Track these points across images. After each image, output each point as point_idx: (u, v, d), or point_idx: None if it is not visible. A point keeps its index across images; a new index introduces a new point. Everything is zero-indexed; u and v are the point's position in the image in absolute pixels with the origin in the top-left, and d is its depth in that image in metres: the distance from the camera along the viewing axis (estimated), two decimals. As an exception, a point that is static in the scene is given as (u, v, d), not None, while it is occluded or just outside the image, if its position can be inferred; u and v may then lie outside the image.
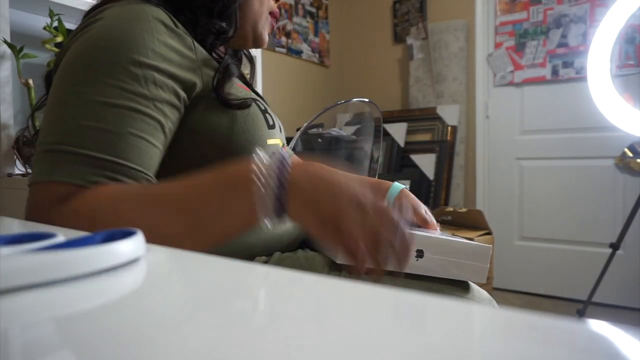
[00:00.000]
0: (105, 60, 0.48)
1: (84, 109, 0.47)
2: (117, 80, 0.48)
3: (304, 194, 0.41)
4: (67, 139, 0.46)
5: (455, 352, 0.16)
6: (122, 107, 0.47)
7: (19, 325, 0.20)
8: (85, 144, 0.46)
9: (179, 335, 0.18)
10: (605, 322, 0.19)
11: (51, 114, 0.49)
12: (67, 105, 0.48)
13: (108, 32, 0.50)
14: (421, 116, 2.63)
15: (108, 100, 0.47)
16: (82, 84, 0.48)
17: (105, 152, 0.46)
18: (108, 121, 0.47)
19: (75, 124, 0.46)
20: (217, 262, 0.30)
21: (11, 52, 1.13)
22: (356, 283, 0.24)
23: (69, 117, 0.47)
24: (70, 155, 0.45)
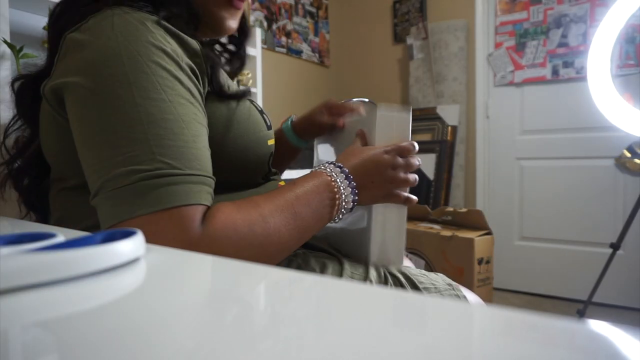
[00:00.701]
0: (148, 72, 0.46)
1: (155, 129, 0.44)
2: (167, 92, 0.46)
3: (365, 186, 0.58)
4: (163, 162, 0.43)
5: (455, 352, 0.16)
6: (187, 119, 0.47)
7: (19, 325, 0.20)
8: (182, 164, 0.44)
9: (179, 335, 0.18)
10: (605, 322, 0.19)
11: (108, 144, 0.44)
12: (134, 129, 0.44)
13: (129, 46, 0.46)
14: (421, 116, 2.63)
15: (170, 117, 0.45)
16: (132, 103, 0.44)
17: (200, 169, 0.46)
18: (186, 137, 0.46)
19: (158, 145, 0.44)
20: (217, 262, 0.30)
21: (11, 52, 1.13)
22: (356, 283, 0.24)
23: (145, 140, 0.44)
24: (177, 177, 0.44)
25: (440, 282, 0.66)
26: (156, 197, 0.42)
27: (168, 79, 0.46)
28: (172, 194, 0.43)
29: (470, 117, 2.60)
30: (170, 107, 0.45)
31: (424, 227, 2.13)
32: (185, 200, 0.43)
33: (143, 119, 0.44)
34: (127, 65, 0.45)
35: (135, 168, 0.43)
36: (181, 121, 0.46)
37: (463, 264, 1.93)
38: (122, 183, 0.43)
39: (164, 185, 0.43)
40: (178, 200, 0.43)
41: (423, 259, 2.07)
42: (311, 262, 0.62)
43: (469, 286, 1.88)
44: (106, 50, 0.46)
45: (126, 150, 0.43)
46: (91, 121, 0.45)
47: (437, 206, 2.43)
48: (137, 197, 0.42)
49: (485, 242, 1.94)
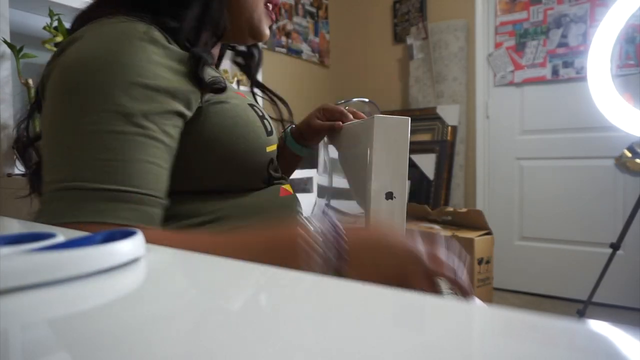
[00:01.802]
0: (101, 85, 0.46)
1: (90, 141, 0.45)
2: (117, 105, 0.46)
3: (364, 259, 0.42)
4: (81, 174, 0.44)
5: (455, 352, 0.16)
6: (128, 133, 0.45)
7: (19, 325, 0.20)
8: (102, 177, 0.44)
9: (179, 335, 0.18)
10: (605, 322, 0.19)
11: (54, 149, 0.46)
12: (71, 139, 0.45)
13: (98, 55, 0.47)
14: (421, 116, 2.63)
15: (112, 128, 0.45)
16: (81, 115, 0.45)
17: (124, 183, 0.44)
18: (117, 151, 0.45)
19: (85, 158, 0.44)
20: (217, 262, 0.30)
21: (11, 52, 1.13)
22: (356, 283, 0.24)
23: (77, 151, 0.45)
24: (89, 192, 0.43)
25: None
26: (56, 210, 0.44)
27: (132, 97, 0.47)
28: (67, 209, 0.43)
29: (470, 117, 2.60)
30: (118, 124, 0.45)
31: (424, 227, 2.13)
32: (78, 217, 0.43)
33: (88, 129, 0.45)
34: (98, 73, 0.47)
35: (53, 178, 0.45)
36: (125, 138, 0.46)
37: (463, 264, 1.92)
38: (46, 189, 0.45)
39: (65, 199, 0.44)
40: (71, 217, 0.43)
41: (423, 259, 2.07)
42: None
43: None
44: (81, 56, 0.48)
45: (61, 157, 0.46)
46: (51, 120, 0.48)
47: (437, 206, 2.43)
48: (50, 205, 0.45)
49: (485, 242, 1.94)
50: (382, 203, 0.62)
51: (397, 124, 0.62)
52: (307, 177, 2.06)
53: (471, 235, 1.93)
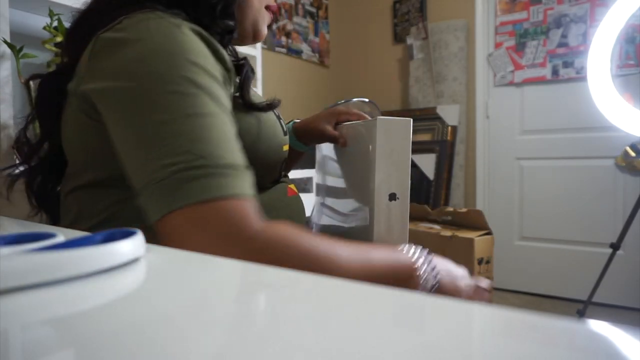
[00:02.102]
0: (178, 70, 0.45)
1: (192, 122, 0.44)
2: (202, 88, 0.46)
3: (443, 290, 0.56)
4: (201, 152, 0.42)
5: (455, 352, 0.16)
6: (219, 113, 0.46)
7: (19, 325, 0.20)
8: (218, 153, 0.43)
9: (179, 335, 0.18)
10: (605, 322, 0.19)
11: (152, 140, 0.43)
12: (170, 124, 0.43)
13: (165, 44, 0.46)
14: (421, 116, 2.63)
15: (207, 110, 0.45)
16: (168, 99, 0.44)
17: (235, 159, 0.45)
18: (218, 129, 0.45)
19: (196, 137, 0.43)
20: (217, 262, 0.30)
21: (11, 52, 1.13)
22: (355, 283, 0.24)
23: (182, 132, 0.43)
24: (219, 169, 0.42)
25: None
26: (200, 187, 0.41)
27: (203, 77, 0.47)
28: (217, 186, 0.41)
29: (470, 117, 2.60)
30: (206, 101, 0.45)
31: (424, 227, 2.13)
32: (234, 191, 0.42)
33: (181, 112, 0.43)
34: (164, 63, 0.45)
35: (172, 161, 0.41)
36: (216, 115, 0.46)
37: (463, 264, 1.92)
38: (161, 177, 0.41)
39: (206, 176, 0.41)
40: (225, 191, 0.41)
41: (423, 259, 2.07)
42: None
43: (469, 286, 1.87)
44: (143, 50, 0.46)
45: (164, 145, 0.42)
46: (129, 122, 0.45)
47: (437, 206, 2.43)
48: (179, 189, 0.41)
49: (485, 242, 1.94)
50: (385, 204, 0.62)
51: (400, 126, 0.62)
52: (307, 177, 2.06)
53: (471, 235, 1.93)
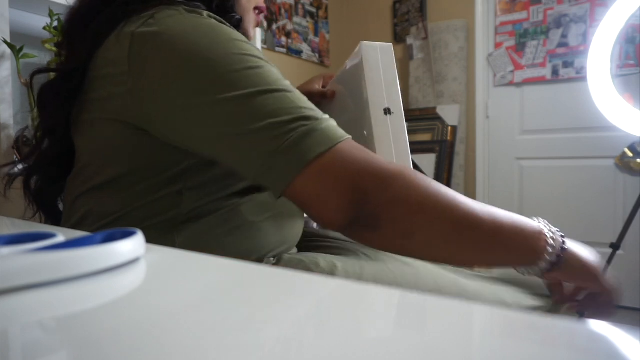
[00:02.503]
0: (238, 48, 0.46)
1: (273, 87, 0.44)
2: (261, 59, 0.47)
3: (566, 270, 0.50)
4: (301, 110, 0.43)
5: (455, 352, 0.16)
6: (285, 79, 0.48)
7: (19, 325, 0.20)
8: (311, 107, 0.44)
9: (179, 335, 0.18)
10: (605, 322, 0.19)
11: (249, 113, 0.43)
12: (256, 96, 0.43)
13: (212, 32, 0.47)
14: (421, 116, 2.63)
15: (275, 77, 0.46)
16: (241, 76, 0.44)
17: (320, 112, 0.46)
18: (295, 91, 0.46)
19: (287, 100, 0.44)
20: (217, 262, 0.30)
21: (11, 52, 1.13)
22: (356, 284, 0.24)
23: (269, 99, 0.43)
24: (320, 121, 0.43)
25: None
26: (323, 135, 0.42)
27: (254, 50, 0.47)
28: (327, 134, 0.42)
29: (470, 117, 2.60)
30: (272, 69, 0.46)
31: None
32: (342, 134, 0.43)
33: (258, 83, 0.44)
34: (220, 47, 0.45)
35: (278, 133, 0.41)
36: (284, 79, 0.47)
37: (463, 264, 1.92)
38: (272, 149, 0.41)
39: (313, 131, 0.42)
40: (337, 137, 0.42)
41: (423, 259, 2.07)
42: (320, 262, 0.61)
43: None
44: (194, 40, 0.46)
45: (263, 119, 0.42)
46: (214, 111, 0.44)
47: (437, 206, 2.43)
48: (303, 141, 0.41)
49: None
50: (382, 119, 0.66)
51: (383, 48, 0.68)
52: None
53: (471, 235, 1.93)
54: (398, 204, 0.43)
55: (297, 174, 0.41)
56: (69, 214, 0.58)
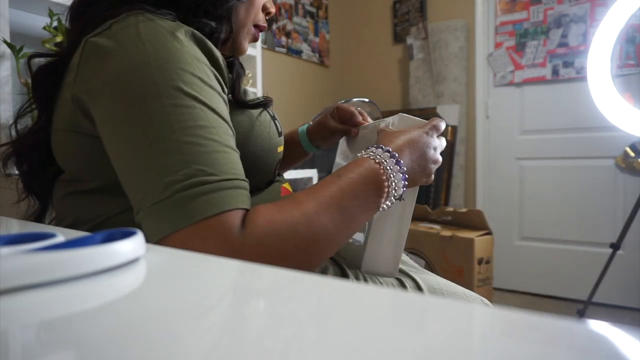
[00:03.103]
0: (170, 82, 0.44)
1: (187, 137, 0.43)
2: (197, 99, 0.45)
3: (412, 169, 0.56)
4: (199, 169, 0.42)
5: (455, 352, 0.16)
6: (218, 125, 0.46)
7: (19, 325, 0.20)
8: (217, 169, 0.43)
9: (179, 335, 0.18)
10: (605, 322, 0.19)
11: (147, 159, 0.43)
12: (165, 139, 0.43)
13: (153, 55, 0.45)
14: (421, 116, 2.62)
15: (202, 123, 0.44)
16: (162, 113, 0.43)
17: (233, 172, 0.45)
18: (217, 143, 0.45)
19: (191, 152, 0.43)
20: (217, 262, 0.30)
21: (11, 52, 1.13)
22: (356, 284, 0.24)
23: (178, 148, 0.43)
24: (214, 185, 0.42)
25: None
26: (194, 208, 0.41)
27: (197, 85, 0.46)
28: (209, 203, 0.42)
29: (470, 117, 2.60)
30: (200, 114, 0.44)
31: (424, 227, 2.13)
32: (223, 207, 0.42)
33: (174, 127, 0.43)
34: (156, 74, 0.44)
35: (170, 180, 0.42)
36: (211, 127, 0.45)
37: (463, 264, 1.93)
38: (159, 198, 0.42)
39: (200, 195, 0.41)
40: (217, 208, 0.42)
41: (423, 259, 2.07)
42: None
43: (469, 286, 1.88)
44: (134, 60, 0.45)
45: (160, 162, 0.42)
46: (123, 138, 0.44)
47: (437, 206, 2.43)
48: (175, 210, 0.41)
49: (485, 242, 1.94)
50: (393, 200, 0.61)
51: (420, 121, 0.63)
52: (307, 177, 2.06)
53: (471, 235, 1.93)
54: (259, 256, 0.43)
55: (176, 231, 0.41)
56: (56, 211, 0.59)
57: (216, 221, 0.41)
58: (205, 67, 0.48)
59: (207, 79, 0.47)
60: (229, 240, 0.41)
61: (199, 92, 0.45)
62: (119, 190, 0.48)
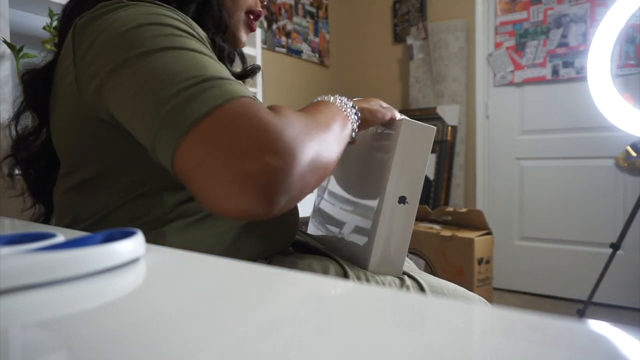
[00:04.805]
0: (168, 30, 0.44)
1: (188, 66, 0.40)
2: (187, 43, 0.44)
3: (364, 113, 0.59)
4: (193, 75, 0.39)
5: (455, 352, 0.16)
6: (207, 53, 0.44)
7: (19, 325, 0.20)
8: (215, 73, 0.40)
9: (179, 335, 0.18)
10: (605, 322, 0.19)
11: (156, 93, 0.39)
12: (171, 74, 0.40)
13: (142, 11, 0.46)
14: (421, 116, 2.63)
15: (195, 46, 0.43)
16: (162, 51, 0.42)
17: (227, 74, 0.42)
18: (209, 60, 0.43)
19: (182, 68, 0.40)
20: (217, 262, 0.30)
21: (11, 52, 1.13)
22: (356, 284, 0.24)
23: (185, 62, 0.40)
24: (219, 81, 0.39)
25: None
26: (206, 98, 0.37)
27: (183, 27, 0.46)
28: (223, 92, 0.37)
29: (470, 117, 2.60)
30: (190, 42, 0.44)
31: (424, 227, 2.13)
32: (241, 92, 0.38)
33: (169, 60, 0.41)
34: (144, 18, 0.45)
35: (168, 94, 0.38)
36: (200, 52, 0.43)
37: (463, 264, 1.93)
38: (164, 109, 0.37)
39: (208, 89, 0.37)
40: (234, 93, 0.37)
41: (423, 259, 2.07)
42: (313, 265, 0.62)
43: (469, 286, 1.88)
44: (122, 20, 0.45)
45: (156, 92, 0.39)
46: (130, 90, 0.42)
47: (437, 206, 2.43)
48: (188, 105, 0.36)
49: (485, 242, 1.94)
50: (394, 206, 0.61)
51: (423, 131, 0.62)
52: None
53: (471, 235, 1.93)
54: None
55: (181, 140, 0.36)
56: (57, 211, 0.59)
57: (239, 105, 0.36)
58: (189, 28, 0.48)
59: (188, 29, 0.47)
60: (262, 118, 0.35)
61: (186, 29, 0.46)
62: (115, 181, 0.48)
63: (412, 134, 0.61)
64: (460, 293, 0.67)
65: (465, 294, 0.67)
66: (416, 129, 0.62)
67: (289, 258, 0.63)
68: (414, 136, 0.61)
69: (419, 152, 0.62)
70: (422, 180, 0.62)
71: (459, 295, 0.66)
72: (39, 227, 0.48)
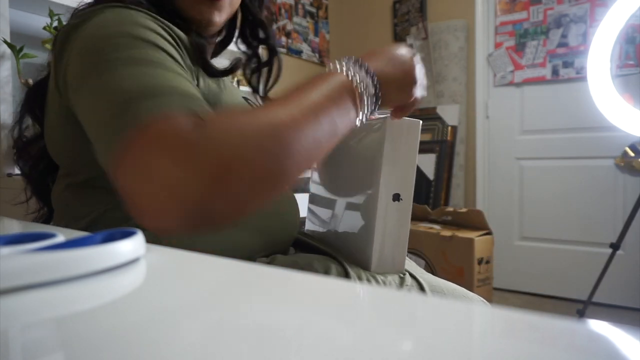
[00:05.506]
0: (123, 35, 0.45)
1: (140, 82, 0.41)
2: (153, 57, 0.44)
3: (390, 85, 0.51)
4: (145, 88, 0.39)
5: (455, 352, 0.16)
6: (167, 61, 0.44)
7: (19, 325, 0.20)
8: (167, 87, 0.40)
9: (179, 335, 0.18)
10: (605, 322, 0.19)
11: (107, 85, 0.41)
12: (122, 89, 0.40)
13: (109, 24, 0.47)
14: (421, 116, 2.62)
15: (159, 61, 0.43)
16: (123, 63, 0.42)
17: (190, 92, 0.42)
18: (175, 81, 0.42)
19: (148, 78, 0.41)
20: (217, 262, 0.30)
21: (11, 52, 1.13)
22: (356, 284, 0.24)
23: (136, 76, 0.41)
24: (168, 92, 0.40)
25: None
26: (133, 114, 0.37)
27: (150, 35, 0.46)
28: (149, 108, 0.37)
29: (470, 117, 2.60)
30: (151, 53, 0.44)
31: (424, 227, 2.13)
32: (168, 106, 0.37)
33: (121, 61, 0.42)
34: (112, 28, 0.46)
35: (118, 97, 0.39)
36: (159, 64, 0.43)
37: (463, 264, 1.93)
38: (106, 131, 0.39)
39: (137, 104, 0.38)
40: (158, 108, 0.37)
41: (423, 259, 2.07)
42: (314, 264, 0.62)
43: (469, 286, 1.88)
44: (94, 25, 0.47)
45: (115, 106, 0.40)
46: (85, 107, 0.45)
47: (437, 206, 2.43)
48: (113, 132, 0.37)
49: (485, 242, 1.94)
50: (388, 204, 0.61)
51: (409, 127, 0.61)
52: (307, 177, 2.06)
53: (471, 235, 1.93)
54: None
55: (114, 163, 0.36)
56: (55, 210, 0.59)
57: (160, 124, 0.35)
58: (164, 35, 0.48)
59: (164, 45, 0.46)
60: (180, 136, 0.34)
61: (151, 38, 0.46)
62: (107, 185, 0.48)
63: (399, 131, 0.60)
64: (459, 293, 0.67)
65: (464, 294, 0.67)
66: (402, 124, 0.61)
67: (290, 257, 0.63)
68: (401, 132, 0.60)
69: (408, 148, 0.61)
70: (413, 176, 0.61)
71: (458, 295, 0.66)
72: (39, 227, 0.48)
